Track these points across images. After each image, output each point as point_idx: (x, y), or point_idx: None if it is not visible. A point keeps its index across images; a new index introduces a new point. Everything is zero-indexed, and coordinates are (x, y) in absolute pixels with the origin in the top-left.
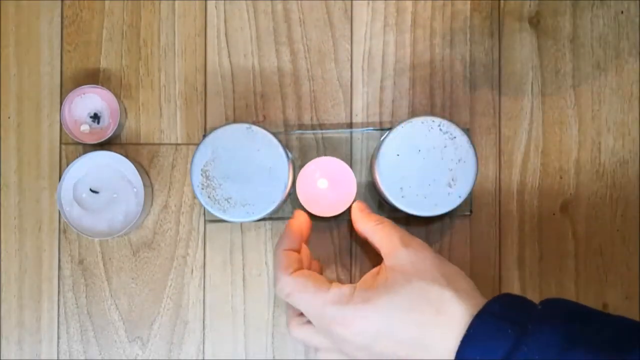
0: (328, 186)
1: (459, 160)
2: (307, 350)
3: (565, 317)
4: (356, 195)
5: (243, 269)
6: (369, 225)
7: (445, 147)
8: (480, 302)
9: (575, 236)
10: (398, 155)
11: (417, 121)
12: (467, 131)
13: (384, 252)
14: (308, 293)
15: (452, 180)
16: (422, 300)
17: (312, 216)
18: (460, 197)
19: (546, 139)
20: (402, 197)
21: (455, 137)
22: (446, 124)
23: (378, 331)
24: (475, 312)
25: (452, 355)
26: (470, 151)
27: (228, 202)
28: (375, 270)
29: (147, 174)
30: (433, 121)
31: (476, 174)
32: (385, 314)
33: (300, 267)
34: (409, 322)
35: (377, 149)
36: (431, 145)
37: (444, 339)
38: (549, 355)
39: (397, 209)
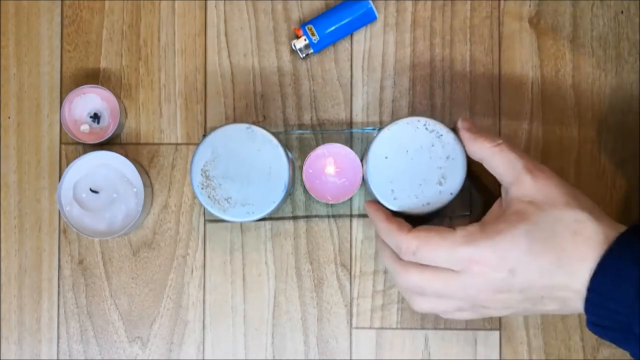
0: (335, 173)
1: (447, 158)
2: (307, 351)
3: None
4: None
5: (243, 269)
6: (484, 149)
7: (432, 145)
8: (610, 221)
9: None
10: (386, 157)
11: (403, 122)
12: None
13: (506, 180)
14: (434, 241)
15: (442, 178)
16: (559, 226)
17: (317, 203)
18: (451, 194)
19: (546, 139)
20: (394, 199)
21: (441, 135)
22: (432, 123)
23: (518, 260)
24: (610, 230)
25: (590, 275)
26: (458, 148)
27: (228, 202)
28: (496, 204)
29: (147, 174)
30: (418, 121)
31: (465, 170)
32: (524, 242)
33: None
34: (548, 247)
35: (366, 152)
36: (418, 145)
37: (584, 259)
38: None
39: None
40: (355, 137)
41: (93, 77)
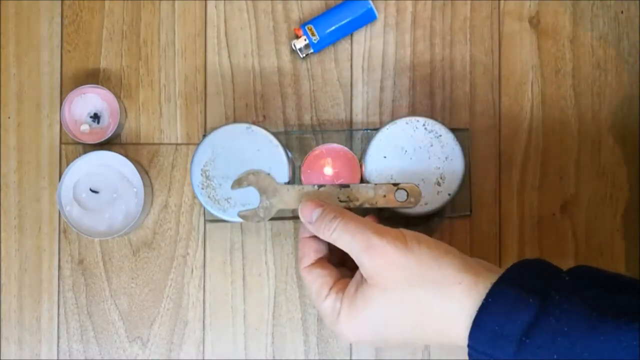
0: (332, 173)
1: (446, 158)
2: (307, 351)
3: (598, 285)
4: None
5: (243, 269)
6: (323, 227)
7: (431, 145)
8: (481, 277)
9: (575, 236)
10: (385, 157)
11: (402, 122)
12: (467, 131)
13: (351, 256)
14: (311, 295)
15: (441, 178)
16: (405, 309)
17: None
18: (449, 194)
19: (546, 139)
20: None
21: (440, 135)
22: (431, 123)
23: (373, 342)
24: (473, 292)
25: (466, 332)
26: (457, 148)
27: (228, 202)
28: (357, 275)
29: (147, 174)
30: (418, 121)
31: (464, 171)
32: (373, 330)
33: (316, 257)
34: (400, 330)
35: (364, 151)
36: (417, 144)
37: (451, 326)
38: (579, 328)
39: (389, 210)
40: (355, 137)
41: (93, 77)
